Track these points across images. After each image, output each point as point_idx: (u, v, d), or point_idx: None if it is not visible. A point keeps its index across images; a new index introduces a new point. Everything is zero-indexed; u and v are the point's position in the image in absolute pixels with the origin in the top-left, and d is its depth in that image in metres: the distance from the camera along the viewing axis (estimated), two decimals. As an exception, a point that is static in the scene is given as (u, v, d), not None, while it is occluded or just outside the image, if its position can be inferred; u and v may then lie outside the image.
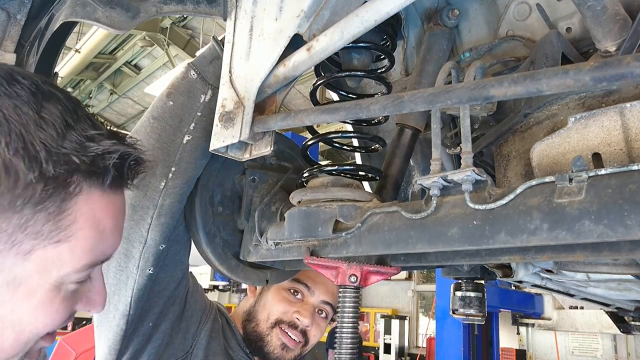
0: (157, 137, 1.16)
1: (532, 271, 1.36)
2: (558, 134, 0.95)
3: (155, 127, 1.17)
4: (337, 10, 1.00)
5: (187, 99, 1.17)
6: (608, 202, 0.70)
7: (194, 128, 1.17)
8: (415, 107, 0.82)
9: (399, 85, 1.56)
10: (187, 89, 1.17)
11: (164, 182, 1.16)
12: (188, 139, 1.17)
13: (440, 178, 0.91)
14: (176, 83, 1.19)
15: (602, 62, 0.64)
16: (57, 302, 0.70)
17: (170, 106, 1.17)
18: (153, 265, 1.23)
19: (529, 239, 0.77)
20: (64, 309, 0.72)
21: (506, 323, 10.44)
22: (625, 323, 2.54)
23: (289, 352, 1.59)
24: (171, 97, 1.17)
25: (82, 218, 0.69)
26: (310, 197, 1.17)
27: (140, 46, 12.55)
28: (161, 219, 1.19)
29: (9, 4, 1.25)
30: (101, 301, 0.80)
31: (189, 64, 1.19)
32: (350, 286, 1.10)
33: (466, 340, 6.51)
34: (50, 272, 0.68)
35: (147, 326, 1.33)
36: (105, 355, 1.34)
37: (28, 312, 0.68)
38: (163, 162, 1.16)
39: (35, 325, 0.69)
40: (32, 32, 1.32)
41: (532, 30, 1.29)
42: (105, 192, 0.72)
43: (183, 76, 1.19)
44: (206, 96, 1.17)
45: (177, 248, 1.32)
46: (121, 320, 1.28)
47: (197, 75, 1.18)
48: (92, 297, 0.78)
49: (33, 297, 0.67)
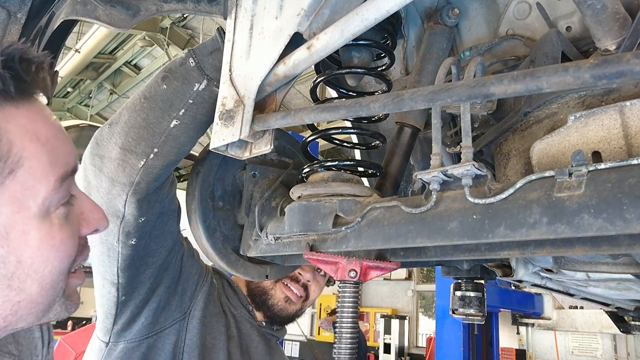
0: (144, 116, 1.16)
1: (532, 270, 1.36)
2: (558, 132, 0.95)
3: (144, 106, 1.17)
4: (337, 8, 1.00)
5: (181, 85, 1.17)
6: (607, 196, 0.70)
7: (184, 114, 1.17)
8: (415, 105, 0.82)
9: (398, 84, 1.56)
10: (182, 75, 1.18)
11: (144, 161, 1.16)
12: (176, 123, 1.17)
13: (440, 172, 0.91)
14: (173, 67, 1.19)
15: (601, 60, 0.64)
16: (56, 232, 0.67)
17: (163, 89, 1.17)
18: (135, 237, 1.25)
19: (529, 233, 0.77)
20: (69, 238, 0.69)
21: (506, 323, 10.43)
22: (625, 323, 2.54)
23: (291, 305, 1.73)
24: (166, 80, 1.18)
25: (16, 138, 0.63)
26: (310, 192, 1.18)
27: (140, 46, 12.55)
28: (136, 195, 1.19)
29: (10, 2, 1.25)
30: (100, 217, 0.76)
31: (189, 50, 1.20)
32: (350, 281, 1.10)
33: (466, 340, 6.50)
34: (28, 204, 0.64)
35: (142, 291, 1.37)
36: (102, 320, 1.41)
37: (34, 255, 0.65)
38: (146, 141, 1.16)
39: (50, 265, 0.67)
40: (33, 30, 1.32)
41: (532, 29, 1.29)
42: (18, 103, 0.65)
43: (182, 62, 1.19)
44: (200, 85, 1.17)
45: (165, 219, 1.33)
46: (111, 288, 1.33)
47: (195, 64, 1.18)
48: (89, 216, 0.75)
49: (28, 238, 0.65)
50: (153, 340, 1.41)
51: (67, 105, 15.84)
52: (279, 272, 1.53)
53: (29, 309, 0.67)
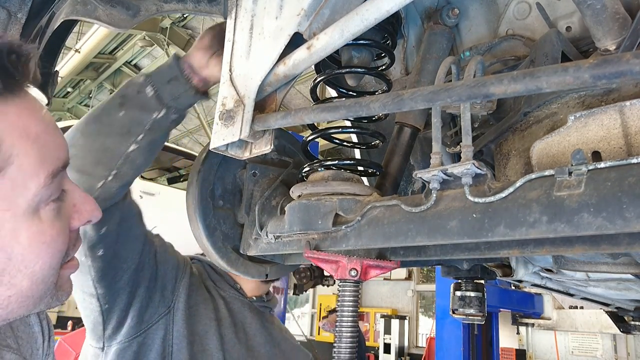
0: (102, 141, 1.18)
1: (531, 270, 1.37)
2: (558, 132, 0.95)
3: (102, 131, 1.19)
4: (337, 8, 1.00)
5: (139, 114, 1.18)
6: (607, 195, 0.70)
7: (141, 139, 1.19)
8: (415, 105, 0.82)
9: (398, 84, 1.56)
10: (140, 105, 1.19)
11: (102, 183, 1.18)
12: (134, 147, 1.19)
13: (440, 171, 0.91)
14: (130, 95, 1.20)
15: (601, 60, 0.64)
16: (46, 228, 0.67)
17: (120, 116, 1.18)
18: (102, 248, 1.26)
19: (528, 232, 0.77)
20: (59, 234, 0.69)
21: (506, 323, 10.42)
22: (625, 323, 2.54)
23: None
24: (123, 107, 1.19)
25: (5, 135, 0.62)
26: (310, 190, 1.18)
27: (140, 46, 12.55)
28: None
29: (10, 2, 1.25)
30: (92, 208, 0.75)
31: (146, 78, 1.20)
32: (350, 280, 1.10)
33: (466, 340, 6.50)
34: (18, 202, 0.64)
35: (123, 297, 1.37)
36: (91, 329, 1.41)
37: (25, 252, 0.65)
38: (104, 165, 1.17)
39: (41, 261, 0.66)
40: (33, 30, 1.32)
41: (532, 29, 1.29)
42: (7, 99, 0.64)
43: (139, 89, 1.19)
44: (159, 114, 1.19)
45: (128, 225, 1.34)
46: (92, 299, 1.34)
47: (153, 93, 1.19)
48: (80, 208, 0.74)
49: (18, 235, 0.64)
50: (142, 339, 1.42)
51: (67, 105, 15.85)
52: (279, 271, 1.53)
53: (19, 303, 0.67)
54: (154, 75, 1.21)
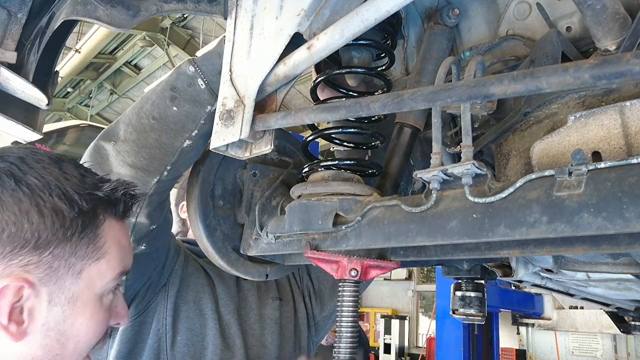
0: (156, 137, 1.18)
1: (532, 270, 1.36)
2: (558, 132, 0.95)
3: (155, 127, 1.18)
4: (337, 9, 1.00)
5: (192, 108, 1.17)
6: (607, 195, 0.70)
7: (196, 135, 1.20)
8: (415, 105, 0.82)
9: (399, 85, 1.56)
10: (193, 98, 1.17)
11: (157, 178, 1.20)
12: (188, 143, 1.20)
13: (440, 171, 0.91)
14: (181, 88, 1.17)
15: (601, 60, 0.64)
16: (102, 312, 0.88)
17: (174, 112, 1.17)
18: (145, 242, 1.30)
19: (528, 232, 0.77)
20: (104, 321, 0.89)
21: (506, 323, 10.43)
22: (625, 323, 2.54)
23: None
24: (175, 102, 1.17)
25: (109, 239, 0.89)
26: (310, 190, 1.18)
27: (140, 46, 12.54)
28: (150, 207, 1.24)
29: (10, 2, 1.25)
30: (126, 314, 0.97)
31: (197, 69, 1.17)
32: (350, 280, 1.10)
33: (466, 340, 6.50)
34: (95, 285, 0.86)
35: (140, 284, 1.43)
36: None
37: (84, 324, 0.84)
38: (159, 160, 1.18)
39: (88, 335, 0.85)
40: (33, 30, 1.32)
41: (532, 29, 1.29)
42: (118, 219, 0.94)
43: (189, 82, 1.17)
44: (213, 107, 1.16)
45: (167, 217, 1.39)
46: None
47: (205, 85, 1.16)
48: (119, 311, 0.95)
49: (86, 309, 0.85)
50: (143, 317, 1.47)
51: (67, 105, 15.84)
52: (279, 271, 1.53)
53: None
54: (202, 65, 1.17)
